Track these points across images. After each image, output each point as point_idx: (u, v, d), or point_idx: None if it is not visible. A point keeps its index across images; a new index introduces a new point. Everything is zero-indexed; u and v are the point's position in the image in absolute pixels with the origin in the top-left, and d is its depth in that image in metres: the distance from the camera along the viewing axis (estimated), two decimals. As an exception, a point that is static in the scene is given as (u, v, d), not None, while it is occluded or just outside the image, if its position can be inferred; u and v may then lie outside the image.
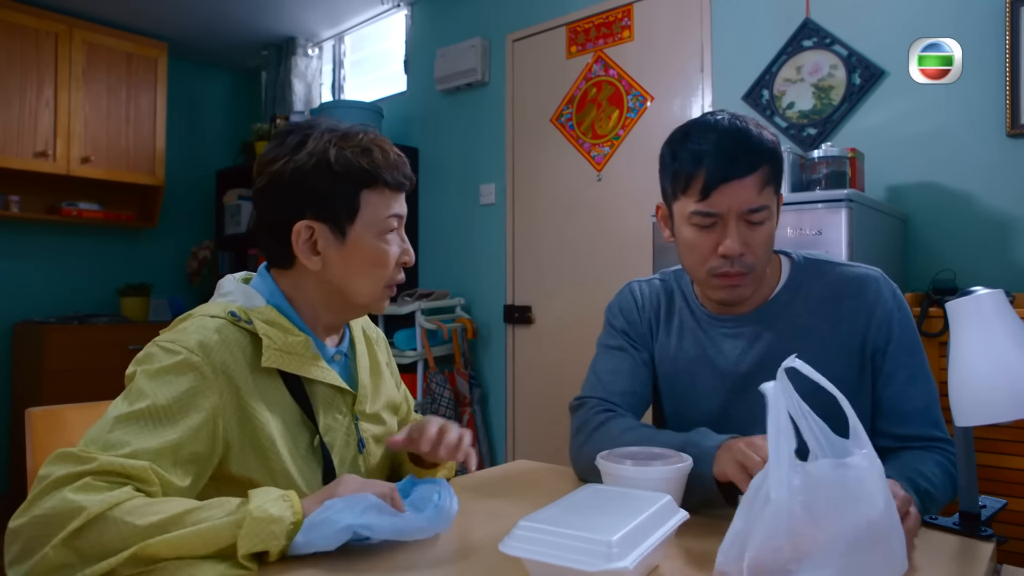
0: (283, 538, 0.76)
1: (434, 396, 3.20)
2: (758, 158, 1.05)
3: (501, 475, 1.27)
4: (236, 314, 0.93)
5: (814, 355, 1.10)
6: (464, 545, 0.89)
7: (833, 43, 2.40)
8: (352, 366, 1.08)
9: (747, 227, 1.07)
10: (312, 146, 0.96)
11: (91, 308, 4.12)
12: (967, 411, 0.86)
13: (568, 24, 3.18)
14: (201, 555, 0.74)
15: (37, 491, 0.74)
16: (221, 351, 0.89)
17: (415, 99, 3.87)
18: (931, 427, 1.10)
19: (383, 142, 1.01)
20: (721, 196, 1.05)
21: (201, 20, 4.09)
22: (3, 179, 3.75)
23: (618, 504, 0.80)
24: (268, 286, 1.00)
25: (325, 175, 0.95)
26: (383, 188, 0.98)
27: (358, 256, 0.98)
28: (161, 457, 0.80)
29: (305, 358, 0.96)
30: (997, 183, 2.11)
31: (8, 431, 3.77)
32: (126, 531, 0.72)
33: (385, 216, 0.99)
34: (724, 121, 1.08)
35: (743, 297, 1.12)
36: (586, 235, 3.09)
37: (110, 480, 0.76)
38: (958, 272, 2.07)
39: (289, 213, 0.96)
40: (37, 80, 3.69)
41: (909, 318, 1.13)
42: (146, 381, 0.85)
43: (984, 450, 1.68)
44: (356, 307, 1.03)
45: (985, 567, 0.79)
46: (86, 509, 0.72)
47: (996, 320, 0.86)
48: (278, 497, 0.78)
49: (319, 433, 0.97)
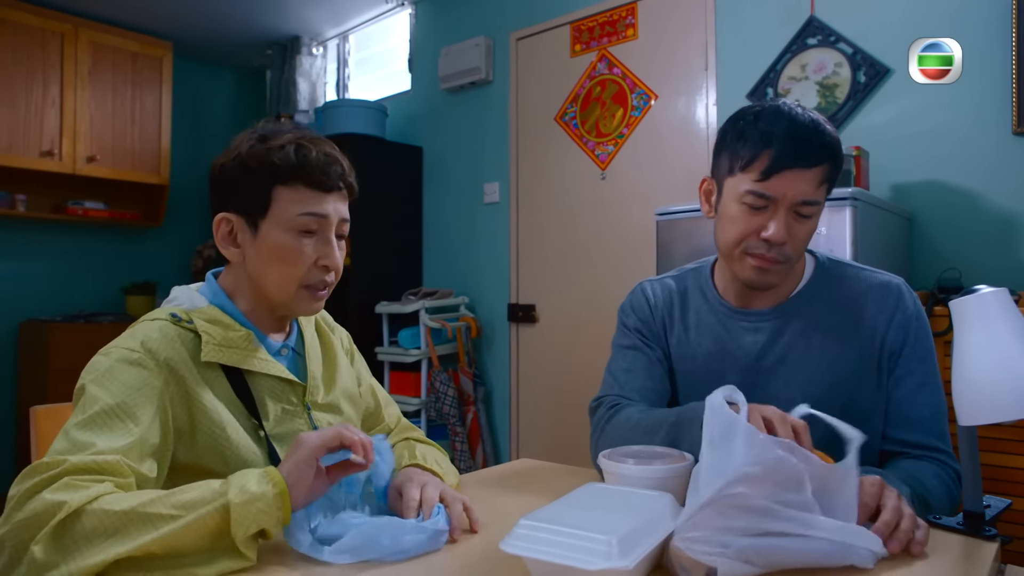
0: (275, 510, 0.77)
1: (438, 395, 3.21)
2: (825, 154, 1.05)
3: (504, 473, 1.28)
4: (177, 315, 0.96)
5: (835, 352, 1.12)
6: (466, 543, 0.89)
7: (838, 41, 2.39)
8: (302, 359, 1.09)
9: (795, 218, 1.07)
10: (234, 143, 1.01)
11: (96, 307, 4.13)
12: (971, 410, 0.86)
13: (572, 23, 3.17)
14: (194, 549, 0.74)
15: (13, 504, 0.73)
16: (163, 345, 0.91)
17: (419, 98, 3.87)
18: (933, 438, 1.09)
19: (313, 142, 1.00)
20: (780, 181, 1.04)
21: (206, 19, 4.10)
22: (9, 178, 3.76)
23: (619, 503, 0.80)
24: (212, 288, 1.04)
25: (239, 170, 0.99)
26: (298, 186, 0.98)
27: (267, 251, 0.99)
28: (128, 452, 0.82)
29: (246, 352, 0.98)
30: (1003, 181, 2.10)
31: (14, 429, 3.79)
32: (108, 520, 0.71)
33: (297, 213, 0.98)
34: (798, 110, 1.07)
35: (770, 284, 1.12)
36: (590, 234, 3.09)
37: (87, 478, 0.76)
38: (963, 271, 2.06)
39: (216, 208, 1.02)
40: (43, 80, 3.71)
41: (926, 328, 1.14)
42: (94, 387, 0.86)
43: (988, 449, 1.67)
44: (274, 304, 1.03)
45: (989, 567, 0.79)
46: (67, 503, 0.71)
47: (1000, 319, 0.85)
48: (258, 475, 0.79)
49: (262, 425, 0.98)
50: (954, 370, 0.88)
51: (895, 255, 2.11)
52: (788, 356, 1.13)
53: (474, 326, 3.38)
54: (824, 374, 1.11)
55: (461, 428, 3.24)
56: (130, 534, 0.71)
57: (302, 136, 1.00)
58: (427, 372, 3.27)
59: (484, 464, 3.24)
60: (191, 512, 0.73)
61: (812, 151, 1.04)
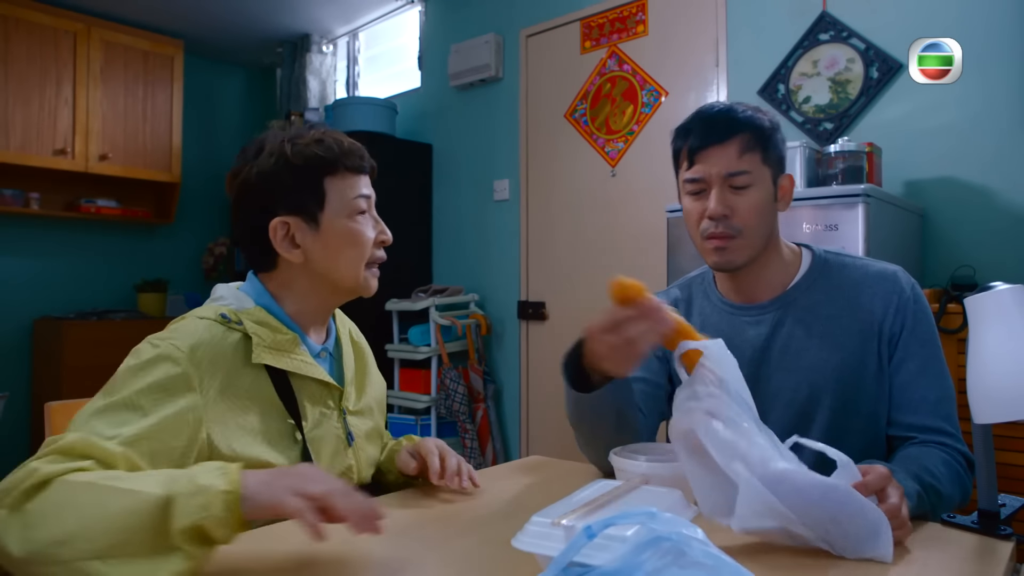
0: (218, 509, 0.69)
1: (448, 392, 3.21)
2: (736, 125, 1.12)
3: (514, 470, 1.28)
4: (226, 316, 0.97)
5: (835, 340, 1.13)
6: (477, 541, 0.89)
7: (850, 36, 2.38)
8: (338, 363, 1.12)
9: (731, 191, 1.13)
10: (269, 148, 1.02)
11: (109, 304, 4.16)
12: (986, 408, 0.85)
13: (582, 19, 3.17)
14: (136, 536, 0.69)
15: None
16: (208, 348, 0.92)
17: (429, 95, 3.88)
18: (940, 420, 1.09)
19: (335, 133, 1.07)
20: (703, 162, 1.13)
21: (217, 18, 4.11)
22: (23, 176, 3.79)
23: (629, 500, 0.79)
24: (256, 289, 1.05)
25: (286, 170, 1.01)
26: (344, 172, 1.04)
27: (334, 240, 1.03)
28: (134, 445, 0.81)
29: (292, 354, 1.00)
30: (1017, 177, 2.08)
31: (29, 425, 3.83)
32: (63, 491, 0.71)
33: (352, 197, 1.04)
34: (717, 103, 1.19)
35: (733, 262, 1.15)
36: (600, 231, 3.08)
37: (75, 456, 0.77)
38: (977, 268, 2.04)
39: (263, 215, 1.02)
40: (56, 78, 3.74)
41: (926, 311, 1.14)
42: (126, 374, 0.88)
43: (1004, 448, 1.65)
44: (344, 291, 1.07)
45: (1004, 567, 0.78)
46: (38, 471, 0.72)
47: (1016, 315, 0.84)
48: (215, 468, 0.74)
49: (301, 430, 0.99)
50: (969, 368, 0.87)
51: (908, 252, 2.10)
52: (790, 345, 1.16)
53: (484, 323, 3.38)
54: (826, 361, 1.13)
55: (471, 425, 3.25)
56: (82, 508, 0.70)
57: (325, 130, 1.06)
58: (437, 369, 3.27)
59: (494, 461, 3.25)
60: (139, 494, 0.70)
61: (721, 126, 1.13)
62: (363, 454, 1.10)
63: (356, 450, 1.08)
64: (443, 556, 0.83)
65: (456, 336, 3.32)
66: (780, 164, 1.18)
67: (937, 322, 1.77)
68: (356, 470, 1.08)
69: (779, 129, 1.18)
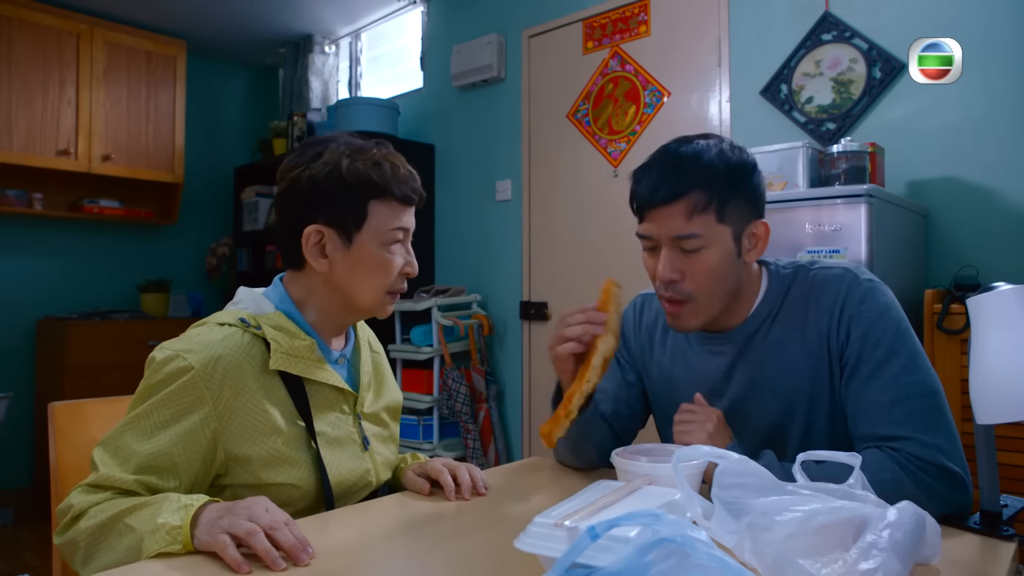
0: (169, 543, 0.80)
1: (450, 392, 3.21)
2: (685, 184, 1.02)
3: (517, 471, 1.28)
4: (246, 320, 0.99)
5: (792, 365, 1.10)
6: (480, 541, 0.89)
7: (853, 36, 2.37)
8: (355, 369, 1.14)
9: (682, 254, 1.05)
10: (327, 157, 1.02)
11: (112, 304, 4.17)
12: (988, 408, 0.85)
13: (584, 19, 3.17)
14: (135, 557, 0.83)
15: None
16: (224, 360, 0.94)
17: (431, 96, 3.88)
18: (891, 425, 0.98)
19: (395, 157, 1.07)
20: (651, 222, 1.06)
21: (219, 18, 4.12)
22: (27, 177, 3.80)
23: (631, 501, 0.80)
24: (279, 294, 1.07)
25: (336, 184, 1.01)
26: (391, 200, 1.04)
27: (362, 263, 1.04)
28: (155, 460, 0.90)
29: (310, 361, 1.02)
30: (1020, 178, 2.07)
31: (32, 425, 3.84)
32: (90, 527, 0.86)
33: (391, 228, 1.05)
34: (674, 145, 1.08)
35: (685, 328, 1.10)
36: (602, 231, 3.08)
37: (99, 489, 0.90)
38: (980, 268, 2.04)
39: (302, 217, 1.03)
40: (59, 79, 3.74)
41: (880, 310, 1.05)
42: (145, 390, 0.95)
43: (1006, 448, 1.65)
44: (359, 310, 1.08)
45: (1007, 567, 0.78)
46: (73, 507, 0.88)
47: (1019, 316, 0.84)
48: (177, 505, 0.83)
49: (313, 436, 1.01)
50: (972, 368, 0.87)
51: (911, 253, 2.09)
52: (749, 376, 1.13)
53: (486, 324, 3.38)
54: (791, 388, 1.09)
55: (473, 426, 3.25)
56: (101, 547, 0.86)
57: (388, 152, 1.06)
58: (439, 370, 3.27)
59: (496, 462, 3.25)
60: (134, 532, 0.83)
61: (667, 186, 1.03)
62: (379, 457, 1.13)
63: (372, 453, 1.11)
64: (445, 557, 0.83)
65: (458, 336, 3.32)
66: (751, 213, 1.07)
67: (940, 323, 1.77)
68: (374, 472, 1.10)
69: (750, 173, 1.07)
